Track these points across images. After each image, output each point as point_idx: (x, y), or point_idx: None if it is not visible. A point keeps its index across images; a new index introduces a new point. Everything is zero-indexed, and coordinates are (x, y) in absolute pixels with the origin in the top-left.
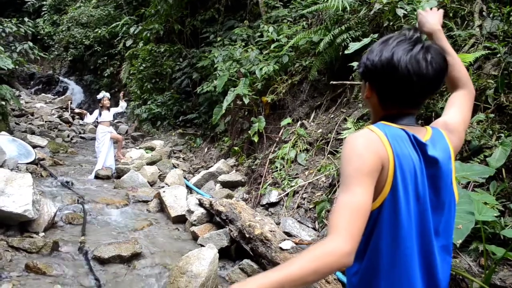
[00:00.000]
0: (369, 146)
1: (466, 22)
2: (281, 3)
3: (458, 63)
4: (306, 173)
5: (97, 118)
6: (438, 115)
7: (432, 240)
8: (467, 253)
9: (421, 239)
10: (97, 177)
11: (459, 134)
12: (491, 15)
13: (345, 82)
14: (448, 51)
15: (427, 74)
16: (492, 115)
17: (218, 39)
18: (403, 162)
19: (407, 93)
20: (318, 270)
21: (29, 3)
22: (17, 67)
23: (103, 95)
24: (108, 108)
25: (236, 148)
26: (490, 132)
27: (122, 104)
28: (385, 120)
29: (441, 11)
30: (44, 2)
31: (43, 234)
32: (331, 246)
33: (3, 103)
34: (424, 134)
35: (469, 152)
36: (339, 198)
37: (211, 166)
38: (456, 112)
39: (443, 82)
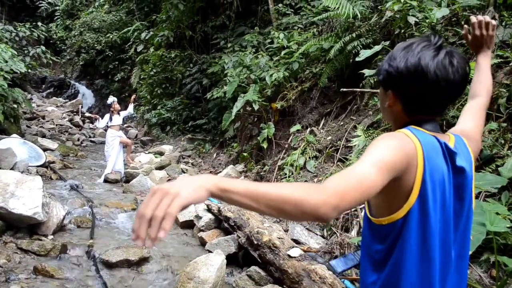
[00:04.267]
0: (401, 146)
1: None
2: (292, 10)
3: (487, 80)
4: (315, 180)
5: (107, 123)
6: (449, 123)
7: (451, 251)
8: (478, 264)
9: (443, 250)
10: (106, 181)
11: (476, 142)
12: (503, 23)
13: (355, 89)
14: (485, 68)
15: (454, 79)
16: (504, 124)
17: (229, 45)
18: (434, 171)
19: (434, 99)
20: (296, 203)
21: (42, 8)
22: (29, 70)
23: (112, 99)
24: (118, 112)
25: (245, 154)
26: (502, 141)
27: (130, 108)
28: (412, 125)
29: (495, 29)
30: (57, 7)
31: (51, 237)
32: (321, 191)
33: (15, 106)
34: (448, 141)
35: (481, 161)
36: (352, 166)
37: (220, 171)
38: (470, 119)
39: (466, 87)
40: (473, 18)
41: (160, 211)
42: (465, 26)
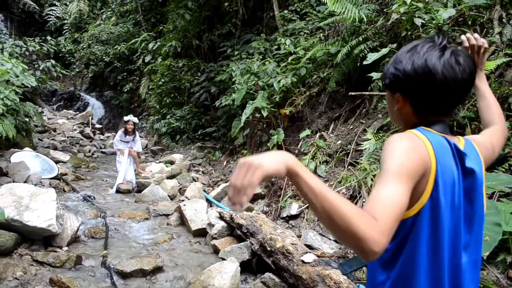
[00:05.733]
0: (415, 150)
1: (485, 29)
2: (298, 16)
3: (494, 105)
4: (327, 185)
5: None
6: (459, 124)
7: (461, 254)
8: (494, 265)
9: (452, 252)
10: (118, 191)
11: (486, 150)
12: (511, 22)
13: (363, 93)
14: (486, 94)
15: (462, 78)
16: None
17: (236, 52)
18: (445, 171)
19: (444, 99)
20: (349, 223)
21: (51, 22)
22: (40, 84)
23: (129, 118)
24: (132, 133)
25: None
26: None
27: (139, 145)
28: (423, 126)
29: (486, 53)
30: (65, 21)
31: (66, 248)
32: (373, 225)
33: (27, 119)
34: (458, 143)
35: (494, 161)
36: (379, 188)
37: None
38: (484, 136)
39: (473, 85)
40: (465, 42)
41: (245, 181)
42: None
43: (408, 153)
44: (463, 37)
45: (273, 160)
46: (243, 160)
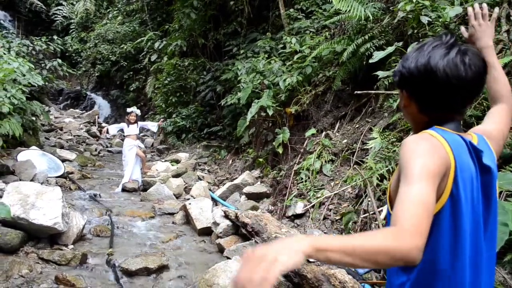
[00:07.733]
0: (435, 150)
1: None
2: (303, 15)
3: (502, 78)
4: (332, 184)
5: (123, 131)
6: (466, 122)
7: (483, 251)
8: (501, 265)
9: (473, 250)
10: (124, 190)
11: (497, 142)
12: None
13: (369, 91)
14: (495, 65)
15: (466, 77)
16: None
17: (241, 51)
18: (463, 169)
19: (448, 98)
20: (387, 253)
21: (57, 21)
22: (46, 83)
23: (132, 110)
24: (136, 122)
25: (260, 159)
26: None
27: (154, 125)
28: (435, 125)
29: (494, 21)
30: (72, 20)
31: (72, 246)
32: (405, 236)
33: (34, 118)
34: (471, 140)
35: (501, 160)
36: (405, 191)
37: (236, 178)
38: (493, 122)
39: (484, 85)
40: (470, 9)
41: (257, 277)
42: (462, 27)
43: (429, 153)
44: (469, 8)
45: (289, 252)
46: (251, 253)
